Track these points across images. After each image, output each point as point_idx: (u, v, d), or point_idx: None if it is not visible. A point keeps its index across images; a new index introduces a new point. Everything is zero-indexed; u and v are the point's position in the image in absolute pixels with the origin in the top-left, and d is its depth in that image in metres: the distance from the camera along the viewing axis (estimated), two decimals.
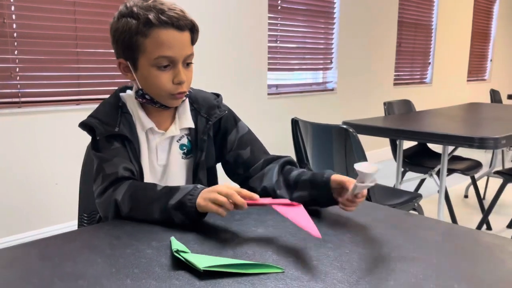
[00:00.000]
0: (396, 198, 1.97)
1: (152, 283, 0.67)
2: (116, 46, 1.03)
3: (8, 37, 2.33)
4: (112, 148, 1.01)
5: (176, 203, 0.89)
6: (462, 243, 0.85)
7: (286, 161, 1.11)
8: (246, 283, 0.68)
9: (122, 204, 0.94)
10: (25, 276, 0.70)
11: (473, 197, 3.42)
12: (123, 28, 0.99)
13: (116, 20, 1.01)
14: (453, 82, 6.07)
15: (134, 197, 0.94)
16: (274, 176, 1.07)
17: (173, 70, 1.00)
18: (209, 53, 3.19)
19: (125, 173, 0.99)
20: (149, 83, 1.02)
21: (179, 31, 0.98)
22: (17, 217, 2.44)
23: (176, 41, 0.98)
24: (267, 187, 1.07)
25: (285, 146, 2.47)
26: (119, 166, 0.99)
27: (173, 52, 0.98)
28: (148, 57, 0.99)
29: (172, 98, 1.03)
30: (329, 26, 4.16)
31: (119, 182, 0.98)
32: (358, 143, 1.71)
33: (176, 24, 0.97)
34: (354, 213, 0.99)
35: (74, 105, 2.59)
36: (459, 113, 2.94)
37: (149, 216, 0.92)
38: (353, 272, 0.71)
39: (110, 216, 0.96)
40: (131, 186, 0.96)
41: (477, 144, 1.89)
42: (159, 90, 1.02)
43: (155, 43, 0.97)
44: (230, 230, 0.89)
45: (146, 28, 0.97)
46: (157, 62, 0.99)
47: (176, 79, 1.00)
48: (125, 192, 0.95)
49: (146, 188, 0.95)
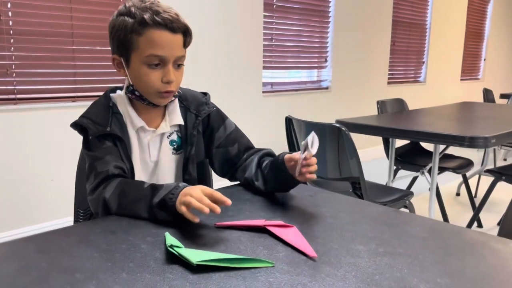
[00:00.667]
0: (387, 196, 2.00)
1: (146, 277, 0.70)
2: (112, 42, 1.07)
3: (5, 34, 2.33)
4: (104, 147, 1.05)
5: (159, 201, 0.92)
6: (447, 239, 0.87)
7: (265, 153, 1.19)
8: (237, 276, 0.70)
9: (111, 203, 0.98)
10: (24, 269, 0.72)
11: (465, 195, 3.46)
12: (119, 25, 1.03)
13: (115, 18, 1.05)
14: (446, 81, 6.12)
15: (121, 196, 0.98)
16: (253, 167, 1.15)
17: (163, 70, 1.04)
18: (204, 51, 3.21)
19: (116, 171, 1.03)
20: (139, 79, 1.06)
21: (171, 33, 1.02)
22: (12, 212, 2.45)
23: (168, 42, 1.02)
24: (247, 178, 1.16)
25: (279, 144, 2.50)
26: (110, 164, 1.03)
27: (164, 52, 1.02)
28: (140, 54, 1.03)
29: (160, 96, 1.07)
30: (324, 25, 4.18)
31: (109, 179, 1.02)
32: (350, 141, 1.74)
33: (170, 26, 1.02)
34: (344, 210, 1.02)
35: (70, 101, 2.60)
36: (452, 112, 2.98)
37: (137, 215, 0.96)
38: (340, 267, 0.74)
39: (100, 214, 1.01)
40: (120, 184, 1.00)
41: (468, 143, 1.93)
42: (147, 87, 1.06)
43: (147, 42, 1.01)
44: (223, 227, 0.91)
45: (140, 27, 1.01)
46: (148, 60, 1.03)
47: (165, 78, 1.04)
48: (113, 190, 0.99)
49: (133, 187, 0.99)
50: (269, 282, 0.69)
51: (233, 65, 3.43)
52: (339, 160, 1.83)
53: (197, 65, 3.16)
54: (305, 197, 1.12)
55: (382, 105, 2.92)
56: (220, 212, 0.86)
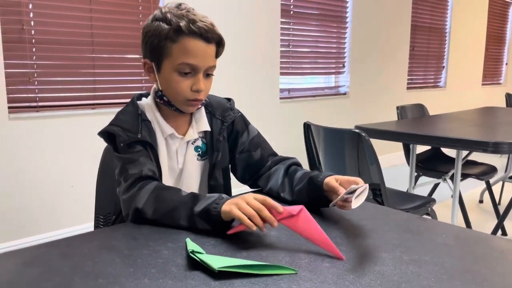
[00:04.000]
0: (409, 203, 1.97)
1: (168, 283, 0.69)
2: (145, 46, 1.07)
3: (27, 43, 2.39)
4: (136, 151, 1.04)
5: (202, 210, 0.90)
6: (474, 247, 0.85)
7: (292, 162, 1.16)
8: (259, 283, 0.69)
9: (146, 209, 0.95)
10: (47, 274, 0.72)
11: (488, 202, 3.38)
12: (154, 31, 1.03)
13: (150, 23, 1.05)
14: (467, 86, 6.02)
15: (158, 201, 0.95)
16: (280, 178, 1.12)
17: (193, 78, 1.05)
18: (222, 57, 3.21)
19: (149, 173, 1.01)
20: (169, 86, 1.06)
21: (205, 43, 1.03)
22: (33, 218, 2.49)
23: (201, 52, 1.03)
24: (272, 188, 1.13)
25: (297, 151, 2.48)
26: (143, 166, 1.02)
27: (197, 61, 1.03)
28: (172, 61, 1.03)
29: (188, 104, 1.07)
30: (342, 30, 4.16)
31: (143, 180, 1.00)
32: (371, 147, 1.72)
33: (204, 36, 1.02)
34: (366, 217, 1.00)
35: (90, 109, 2.64)
36: (474, 117, 2.92)
37: (174, 222, 0.93)
38: (365, 275, 0.72)
39: (130, 219, 0.98)
40: (155, 189, 0.97)
41: (492, 149, 1.88)
42: (176, 95, 1.06)
43: (181, 50, 1.01)
44: (244, 232, 0.90)
45: (176, 35, 1.01)
46: (180, 68, 1.03)
47: (194, 86, 1.04)
48: (148, 196, 0.96)
49: (170, 193, 0.96)
50: None
51: (250, 72, 3.44)
52: (359, 166, 1.81)
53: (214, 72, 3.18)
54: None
55: (402, 110, 2.88)
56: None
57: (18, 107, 2.41)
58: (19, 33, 2.36)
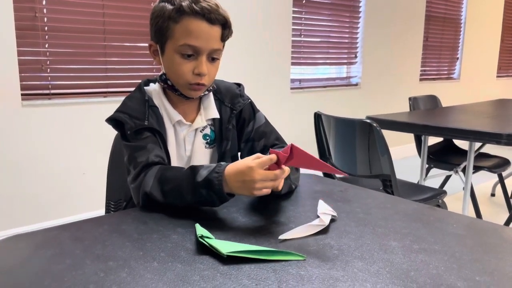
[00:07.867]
0: (419, 194, 1.95)
1: (178, 266, 0.70)
2: (151, 28, 1.06)
3: (40, 31, 2.40)
4: (143, 138, 1.03)
5: (203, 180, 0.89)
6: (485, 237, 0.84)
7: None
8: (268, 269, 0.70)
9: (153, 193, 0.95)
10: (58, 256, 0.73)
11: (500, 196, 3.34)
12: (159, 12, 1.02)
13: (157, 4, 1.04)
14: (482, 78, 5.92)
15: (162, 182, 0.95)
16: None
17: (196, 61, 1.02)
18: (232, 47, 3.21)
19: (156, 159, 1.01)
20: (171, 69, 1.04)
21: (209, 24, 1.00)
22: (46, 205, 2.53)
23: (204, 33, 1.00)
24: None
25: (308, 141, 2.47)
26: (150, 153, 1.01)
27: (199, 43, 1.00)
28: (174, 43, 1.01)
29: (190, 88, 1.04)
30: (354, 20, 4.11)
31: (149, 167, 0.99)
32: (382, 138, 1.70)
33: (207, 16, 0.99)
34: (376, 206, 1.00)
35: (102, 97, 2.66)
36: (487, 109, 2.87)
37: (182, 199, 0.92)
38: (373, 262, 0.72)
39: (141, 204, 0.99)
40: (158, 171, 0.97)
41: (505, 141, 1.85)
42: (178, 78, 1.04)
43: (183, 31, 1.00)
44: (252, 218, 0.91)
45: (177, 15, 0.99)
46: (181, 49, 1.01)
47: (196, 69, 1.02)
48: (153, 179, 0.96)
49: (172, 171, 0.96)
50: (300, 275, 0.68)
51: (261, 61, 3.42)
52: (370, 157, 1.80)
53: (224, 61, 3.17)
54: (335, 192, 1.10)
55: (415, 101, 2.85)
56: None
57: (31, 94, 2.43)
58: (32, 21, 2.37)
